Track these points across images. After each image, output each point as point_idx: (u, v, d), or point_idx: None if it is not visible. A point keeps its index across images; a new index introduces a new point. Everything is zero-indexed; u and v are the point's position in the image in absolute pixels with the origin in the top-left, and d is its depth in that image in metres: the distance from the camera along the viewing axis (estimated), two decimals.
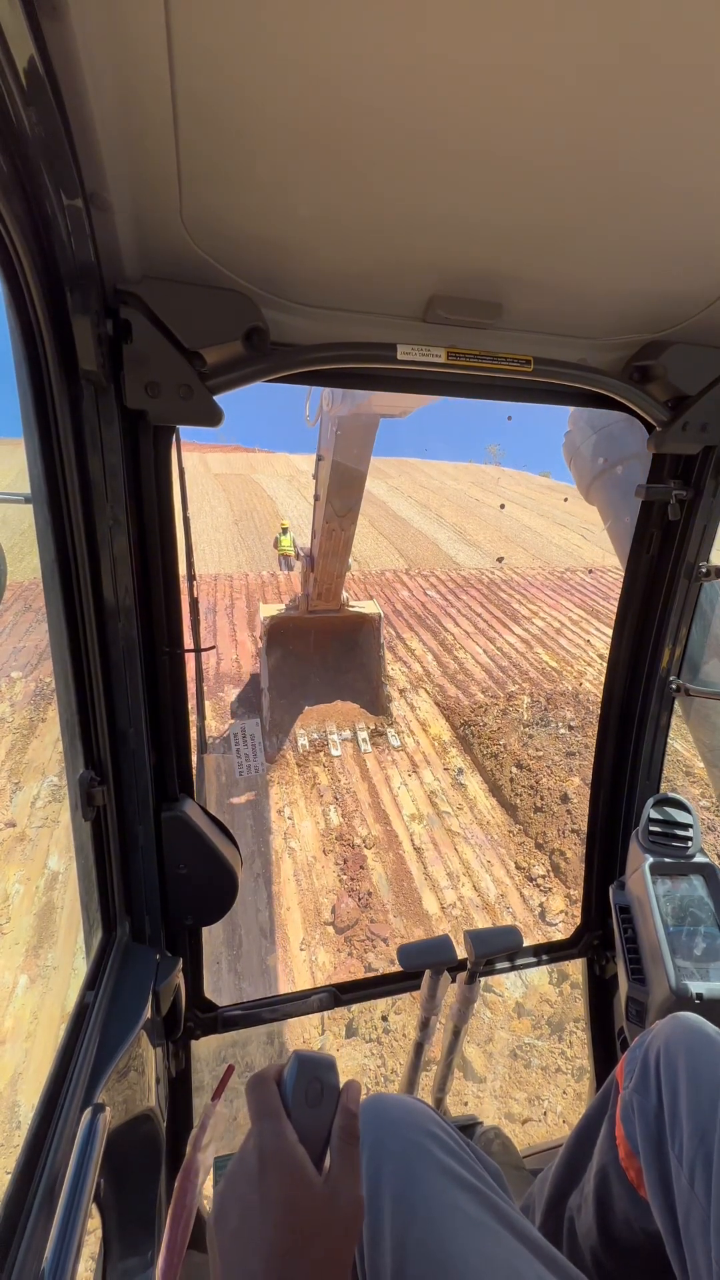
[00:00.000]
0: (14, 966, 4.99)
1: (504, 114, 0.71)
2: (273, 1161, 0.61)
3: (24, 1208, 0.76)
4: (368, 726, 8.98)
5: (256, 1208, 0.59)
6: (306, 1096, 0.66)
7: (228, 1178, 0.63)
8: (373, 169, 0.79)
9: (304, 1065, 0.68)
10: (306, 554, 7.99)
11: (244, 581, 14.12)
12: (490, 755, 8.30)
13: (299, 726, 8.76)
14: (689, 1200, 0.92)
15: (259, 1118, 0.64)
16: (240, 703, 9.23)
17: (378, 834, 6.95)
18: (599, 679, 9.82)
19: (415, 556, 18.38)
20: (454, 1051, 1.77)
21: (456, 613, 13.10)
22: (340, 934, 5.59)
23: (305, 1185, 0.60)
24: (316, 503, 6.93)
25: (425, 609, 13.25)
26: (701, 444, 1.34)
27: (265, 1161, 0.61)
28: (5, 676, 9.51)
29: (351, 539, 7.11)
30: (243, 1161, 0.63)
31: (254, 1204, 0.59)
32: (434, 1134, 0.93)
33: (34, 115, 0.66)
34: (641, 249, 0.97)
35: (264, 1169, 0.61)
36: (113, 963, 1.18)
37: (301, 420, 5.13)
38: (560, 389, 1.26)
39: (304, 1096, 0.66)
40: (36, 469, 0.95)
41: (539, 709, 9.25)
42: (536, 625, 12.34)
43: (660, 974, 1.40)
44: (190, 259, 0.91)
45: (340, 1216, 0.60)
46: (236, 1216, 0.60)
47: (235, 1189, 0.61)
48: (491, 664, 10.71)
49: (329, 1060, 0.69)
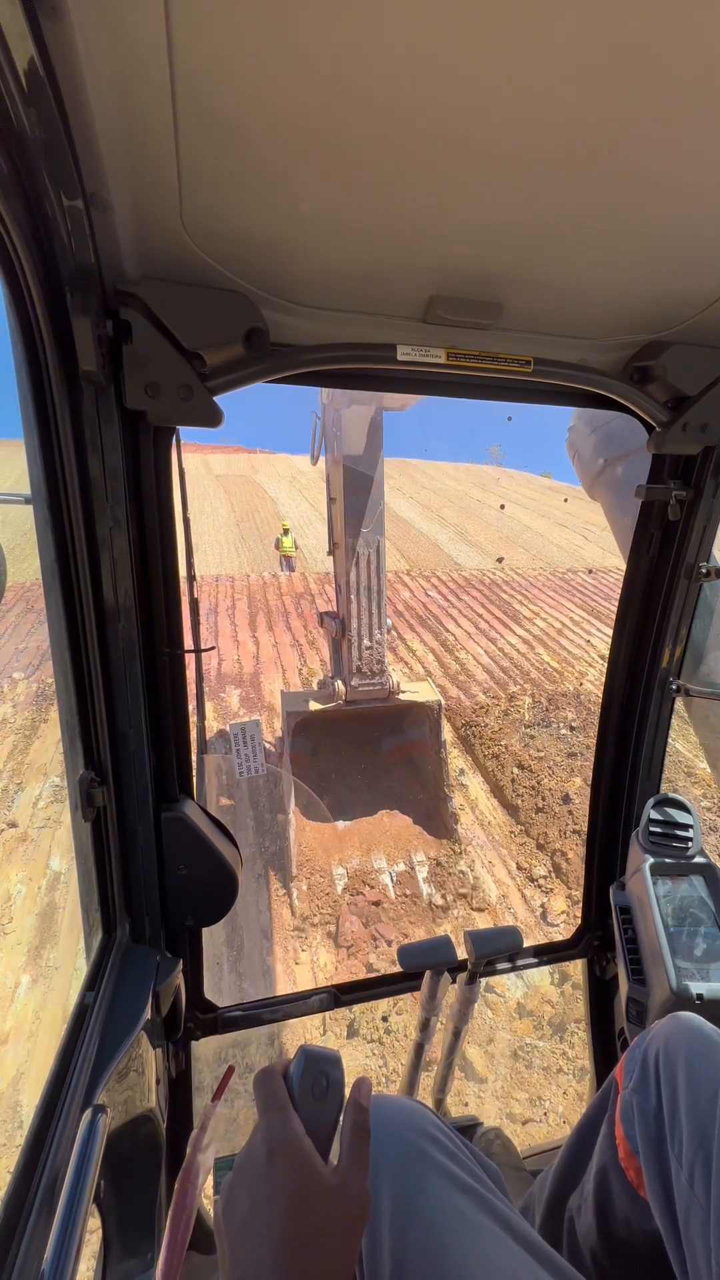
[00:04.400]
0: (16, 967, 4.99)
1: (503, 115, 0.71)
2: (281, 1152, 0.62)
3: (24, 1208, 0.76)
4: (428, 856, 6.38)
5: (266, 1197, 0.59)
6: (313, 1091, 0.67)
7: (237, 1169, 0.64)
8: (373, 169, 0.79)
9: (310, 1060, 0.69)
10: (334, 619, 6.40)
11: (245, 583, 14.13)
12: (491, 756, 8.29)
13: (335, 859, 6.22)
14: (689, 1200, 0.92)
15: (266, 1110, 0.65)
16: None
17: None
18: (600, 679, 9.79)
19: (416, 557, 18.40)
20: (454, 1052, 1.77)
21: (458, 613, 13.10)
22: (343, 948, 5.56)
23: (314, 1176, 0.61)
24: (335, 549, 5.98)
25: (426, 609, 13.25)
26: (701, 444, 1.34)
27: (274, 1152, 0.62)
28: (7, 678, 9.52)
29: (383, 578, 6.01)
30: (251, 1153, 0.63)
31: (263, 1193, 0.60)
32: (433, 1136, 0.93)
33: (34, 116, 0.66)
34: (641, 249, 0.97)
35: (272, 1159, 0.61)
36: (113, 963, 1.18)
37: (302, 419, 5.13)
38: (560, 389, 1.26)
39: (310, 1091, 0.67)
40: (37, 470, 0.95)
41: (540, 710, 9.24)
42: (538, 626, 12.34)
43: (661, 974, 1.40)
44: (190, 260, 0.91)
45: (348, 1208, 0.61)
46: (246, 1206, 0.60)
47: (244, 1179, 0.62)
48: (493, 665, 10.70)
49: (334, 1056, 0.70)
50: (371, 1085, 0.71)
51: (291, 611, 12.56)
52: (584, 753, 8.11)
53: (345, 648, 6.26)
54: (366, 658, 6.21)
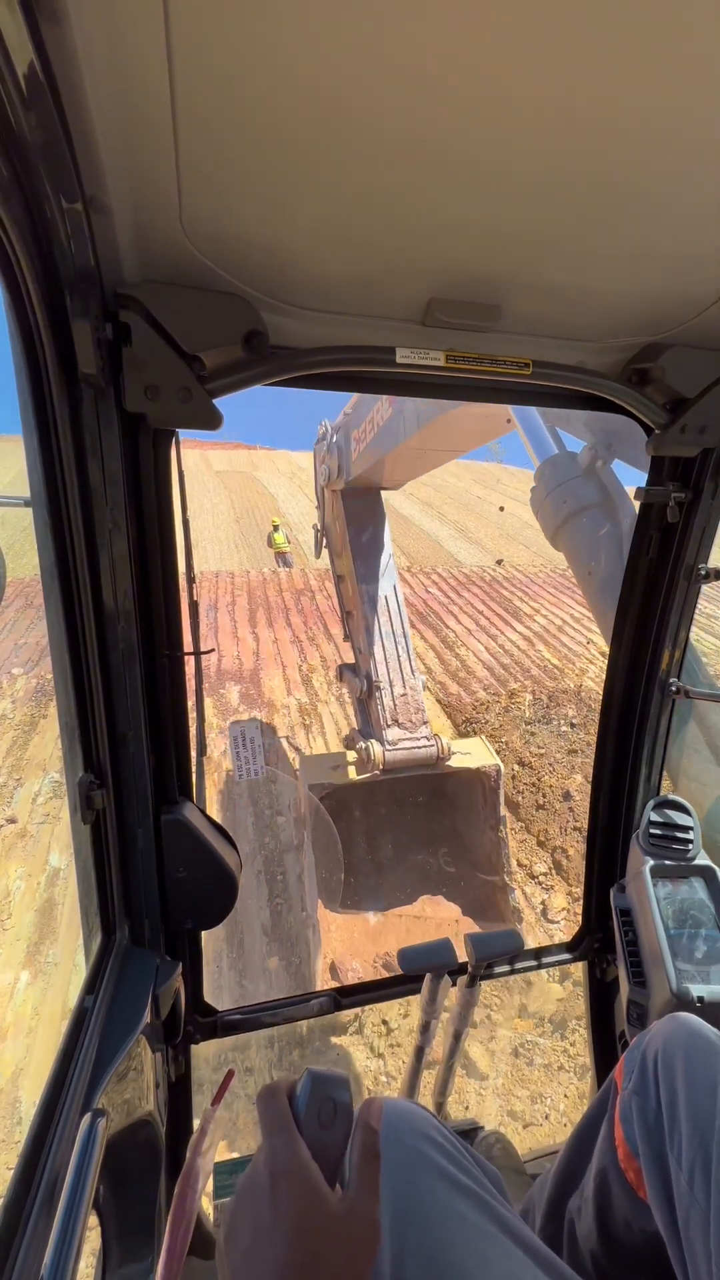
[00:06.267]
0: (15, 963, 5.00)
1: (501, 118, 0.71)
2: (285, 1179, 0.59)
3: (23, 1212, 0.75)
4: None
5: (269, 1225, 0.57)
6: (319, 1117, 0.64)
7: (239, 1194, 0.61)
8: (372, 173, 0.78)
9: (317, 1083, 0.66)
10: (355, 674, 5.40)
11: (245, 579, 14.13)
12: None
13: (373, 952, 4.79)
14: (689, 1202, 0.93)
15: (270, 1133, 0.62)
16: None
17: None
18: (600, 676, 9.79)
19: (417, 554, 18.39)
20: (455, 1055, 1.78)
21: (458, 610, 13.10)
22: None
23: (320, 1203, 0.58)
24: (349, 617, 5.45)
25: (427, 606, 13.25)
26: (700, 446, 1.33)
27: (277, 1178, 0.59)
28: (6, 673, 9.52)
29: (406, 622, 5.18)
30: (253, 1178, 0.61)
31: (266, 1221, 0.57)
32: (433, 1139, 0.93)
33: (34, 119, 0.66)
34: (640, 252, 0.96)
35: (276, 1186, 0.58)
36: (112, 966, 1.18)
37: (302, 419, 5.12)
38: (559, 392, 1.26)
39: (316, 1116, 0.64)
40: (36, 472, 0.95)
41: (541, 706, 9.24)
42: (538, 623, 12.34)
43: (661, 977, 1.40)
44: (189, 262, 0.91)
45: (356, 1237, 0.58)
46: (249, 1234, 0.57)
47: (247, 1206, 0.59)
48: (493, 661, 10.70)
49: (343, 1078, 0.67)
50: (381, 1106, 0.68)
51: (291, 608, 12.57)
52: (584, 749, 8.11)
53: (373, 705, 5.22)
54: (402, 705, 5.17)
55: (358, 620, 5.30)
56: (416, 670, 5.31)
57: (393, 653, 5.30)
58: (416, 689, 5.29)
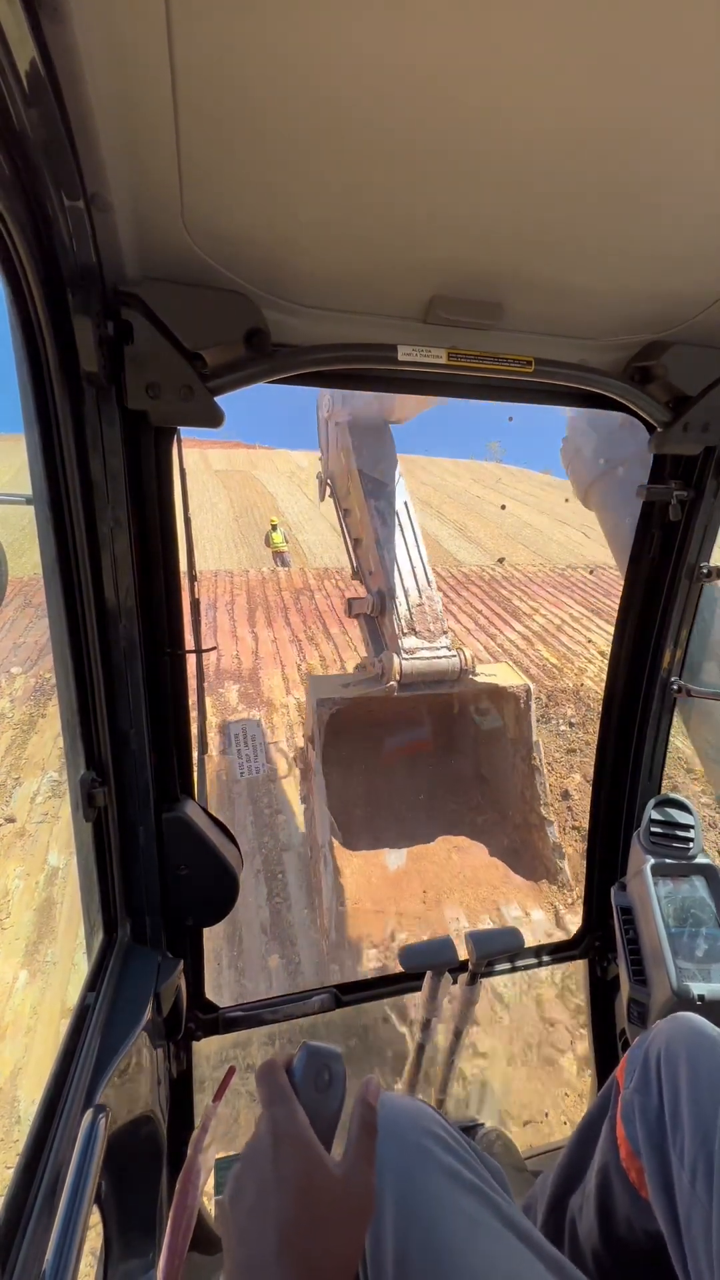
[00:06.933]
0: (14, 962, 5.00)
1: (503, 115, 0.71)
2: (287, 1142, 0.63)
3: (25, 1209, 0.76)
4: (524, 909, 4.34)
5: (273, 1183, 0.60)
6: (315, 1084, 0.69)
7: (243, 1160, 0.64)
8: (373, 170, 0.78)
9: (313, 1054, 0.71)
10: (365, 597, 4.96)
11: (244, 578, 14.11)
12: None
13: (388, 920, 4.13)
14: (690, 1201, 0.92)
15: (270, 1103, 0.66)
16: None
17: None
18: (600, 676, 9.79)
19: None
20: (455, 1053, 1.78)
21: (457, 609, 13.07)
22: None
23: (320, 1165, 0.62)
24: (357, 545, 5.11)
25: None
26: (702, 444, 1.34)
27: (280, 1141, 0.63)
28: (5, 672, 9.50)
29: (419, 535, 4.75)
30: (257, 1144, 0.64)
31: (270, 1180, 0.60)
32: (435, 1134, 0.93)
33: (35, 116, 0.66)
34: (642, 250, 0.96)
35: (279, 1148, 0.62)
36: (114, 964, 1.18)
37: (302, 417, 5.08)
38: (561, 390, 1.26)
39: (313, 1084, 0.69)
40: (38, 470, 0.95)
41: (540, 705, 9.24)
42: (537, 621, 12.33)
43: (662, 975, 1.40)
44: (191, 260, 0.91)
45: (353, 1200, 0.61)
46: (253, 1192, 0.61)
47: (251, 1168, 0.63)
48: (492, 660, 10.70)
49: (336, 1051, 0.72)
50: (379, 1085, 0.71)
51: (290, 607, 12.55)
52: (583, 749, 8.10)
53: (386, 620, 4.71)
54: (419, 614, 4.58)
55: (368, 544, 4.88)
56: (434, 582, 4.81)
57: (405, 564, 4.83)
58: (434, 599, 4.78)
